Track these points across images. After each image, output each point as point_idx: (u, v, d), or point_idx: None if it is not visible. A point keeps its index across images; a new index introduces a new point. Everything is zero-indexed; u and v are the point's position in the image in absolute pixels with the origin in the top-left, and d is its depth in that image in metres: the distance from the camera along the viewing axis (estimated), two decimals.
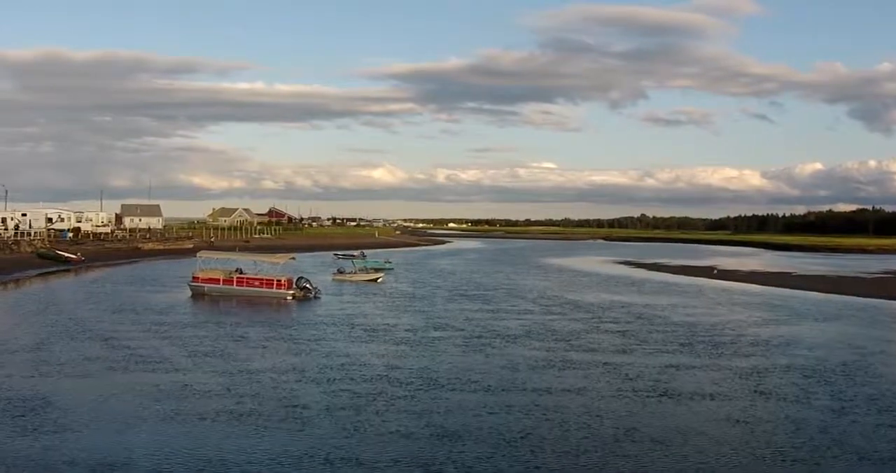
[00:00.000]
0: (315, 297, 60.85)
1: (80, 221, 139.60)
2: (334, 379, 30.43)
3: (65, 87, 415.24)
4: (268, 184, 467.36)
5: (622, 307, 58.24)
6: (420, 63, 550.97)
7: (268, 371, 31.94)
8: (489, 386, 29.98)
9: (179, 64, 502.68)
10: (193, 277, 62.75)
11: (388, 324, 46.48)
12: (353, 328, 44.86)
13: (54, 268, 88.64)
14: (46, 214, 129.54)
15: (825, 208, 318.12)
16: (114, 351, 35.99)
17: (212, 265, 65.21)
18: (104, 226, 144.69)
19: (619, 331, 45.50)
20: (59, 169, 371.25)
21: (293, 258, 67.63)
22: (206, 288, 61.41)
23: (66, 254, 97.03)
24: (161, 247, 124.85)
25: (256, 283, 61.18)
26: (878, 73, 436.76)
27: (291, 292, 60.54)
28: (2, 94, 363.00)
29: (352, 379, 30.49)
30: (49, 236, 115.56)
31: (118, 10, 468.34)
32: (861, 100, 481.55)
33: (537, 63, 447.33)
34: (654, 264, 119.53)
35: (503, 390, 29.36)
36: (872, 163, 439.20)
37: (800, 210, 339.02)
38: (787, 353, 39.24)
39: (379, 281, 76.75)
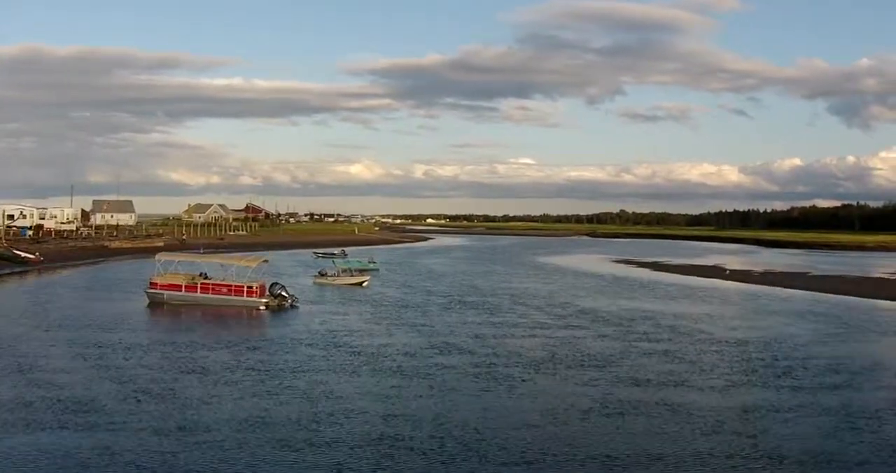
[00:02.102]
0: (292, 306, 52.50)
1: (43, 218, 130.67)
2: (314, 443, 21.93)
3: (45, 84, 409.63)
4: (246, 179, 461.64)
5: (648, 317, 50.20)
6: (398, 58, 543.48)
7: (223, 426, 23.44)
8: (531, 453, 21.64)
9: (159, 60, 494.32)
10: (151, 283, 54.13)
11: (379, 345, 38.09)
12: (337, 350, 36.51)
13: (7, 270, 79.82)
14: (4, 210, 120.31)
15: (804, 204, 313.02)
16: (28, 392, 27.50)
17: (173, 268, 56.46)
18: (69, 222, 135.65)
19: (661, 353, 37.43)
20: (40, 165, 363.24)
21: (266, 261, 58.92)
22: (165, 296, 52.91)
23: (24, 254, 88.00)
24: (129, 246, 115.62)
25: (224, 290, 52.64)
26: (857, 69, 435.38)
27: (265, 301, 52.14)
28: None
29: (338, 442, 22.05)
30: (7, 234, 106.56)
31: (98, 5, 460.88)
32: (840, 96, 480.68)
33: (516, 59, 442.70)
34: (656, 263, 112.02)
35: (554, 461, 21.08)
36: (851, 158, 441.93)
37: (778, 205, 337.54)
38: (885, 383, 31.41)
39: (364, 284, 68.49)
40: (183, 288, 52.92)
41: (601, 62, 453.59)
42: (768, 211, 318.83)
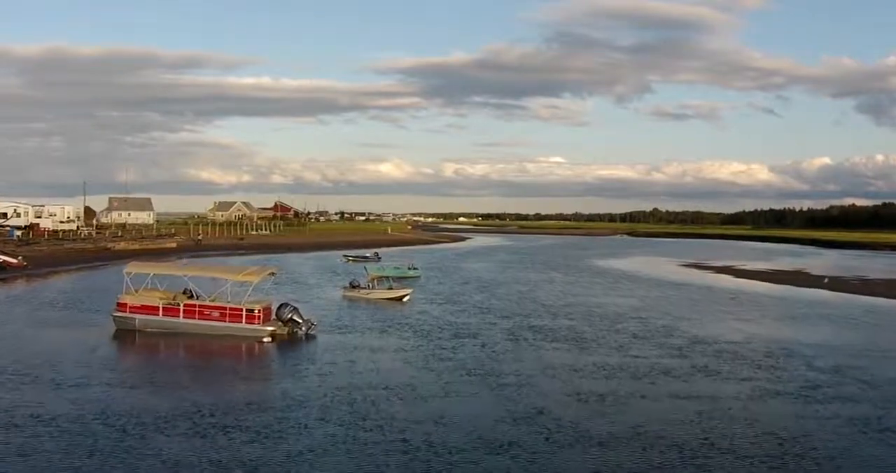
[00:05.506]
0: (307, 335, 39.17)
1: (39, 216, 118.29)
2: None
3: (72, 83, 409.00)
4: (277, 178, 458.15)
5: (791, 353, 36.53)
6: (425, 57, 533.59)
7: None
8: None
9: (185, 59, 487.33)
10: (119, 304, 40.79)
11: (432, 417, 24.27)
12: (366, 433, 22.84)
13: None
14: None
15: (835, 202, 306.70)
16: None
17: (147, 283, 42.66)
18: (69, 221, 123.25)
19: (873, 429, 23.75)
20: (67, 164, 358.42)
21: (273, 273, 44.96)
22: (136, 321, 39.63)
23: (4, 258, 75.45)
24: (136, 248, 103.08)
25: (215, 314, 39.16)
26: (885, 67, 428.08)
27: (270, 328, 38.79)
28: (9, 90, 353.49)
29: None
30: None
31: (124, 4, 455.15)
32: (868, 95, 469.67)
33: (543, 57, 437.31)
34: (730, 268, 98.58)
35: None
36: (880, 157, 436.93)
37: (809, 204, 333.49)
38: None
39: (405, 299, 54.82)
40: (160, 312, 39.62)
41: (628, 60, 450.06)
42: (802, 210, 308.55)
